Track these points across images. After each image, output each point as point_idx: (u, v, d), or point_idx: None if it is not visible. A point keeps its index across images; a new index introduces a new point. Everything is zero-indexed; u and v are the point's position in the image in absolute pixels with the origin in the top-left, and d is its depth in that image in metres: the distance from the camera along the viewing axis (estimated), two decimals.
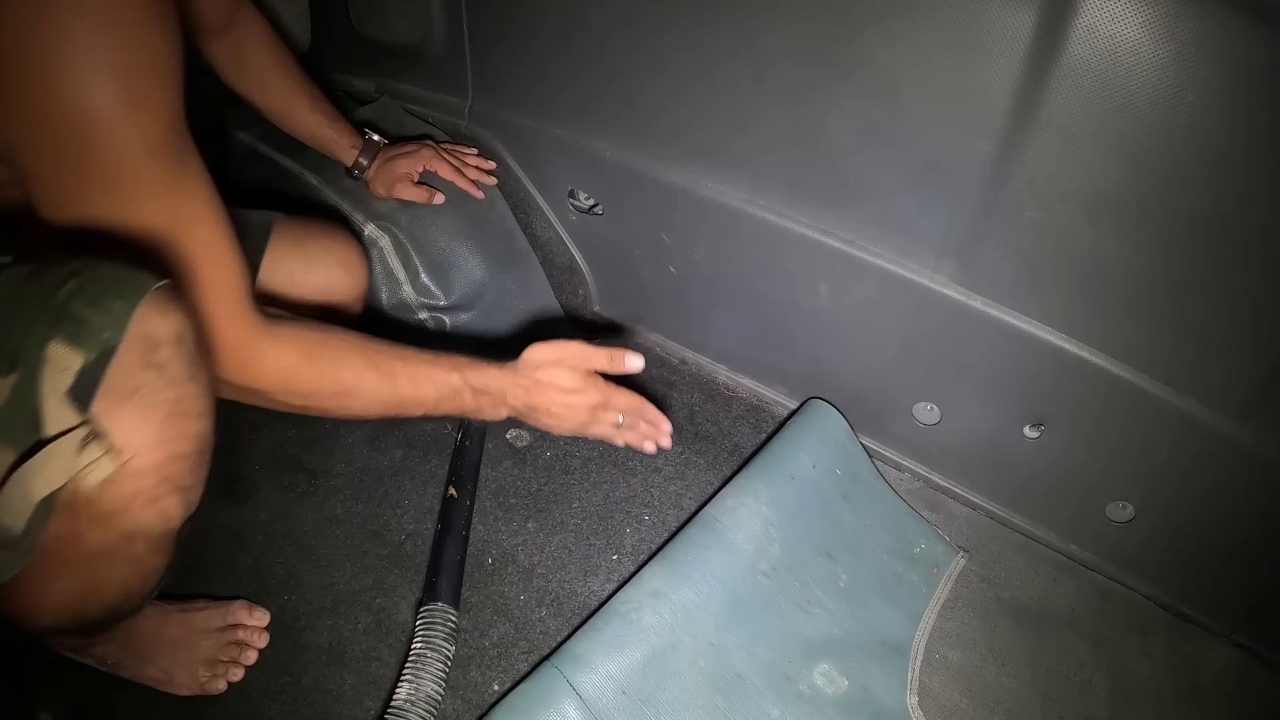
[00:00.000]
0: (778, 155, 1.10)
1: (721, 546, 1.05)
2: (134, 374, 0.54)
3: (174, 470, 0.59)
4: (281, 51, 1.13)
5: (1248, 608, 1.09)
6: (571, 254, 1.42)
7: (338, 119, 1.20)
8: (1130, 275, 0.94)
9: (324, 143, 1.20)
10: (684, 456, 1.25)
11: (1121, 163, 0.87)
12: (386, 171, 1.23)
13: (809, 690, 0.99)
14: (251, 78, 1.12)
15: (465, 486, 1.12)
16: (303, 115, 1.17)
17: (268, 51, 1.11)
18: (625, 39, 1.13)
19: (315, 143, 1.20)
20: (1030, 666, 1.06)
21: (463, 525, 1.08)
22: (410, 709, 0.86)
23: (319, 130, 1.18)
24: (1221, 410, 0.97)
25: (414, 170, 1.25)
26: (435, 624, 0.94)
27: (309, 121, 1.18)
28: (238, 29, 1.08)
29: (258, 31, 1.10)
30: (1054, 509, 1.18)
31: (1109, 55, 0.81)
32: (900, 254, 1.08)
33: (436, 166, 1.27)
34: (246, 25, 1.09)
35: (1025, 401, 1.10)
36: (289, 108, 1.16)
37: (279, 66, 1.13)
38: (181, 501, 0.61)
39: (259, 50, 1.10)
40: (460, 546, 1.05)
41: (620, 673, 0.92)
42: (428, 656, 0.91)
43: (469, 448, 1.17)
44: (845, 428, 1.24)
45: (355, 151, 1.22)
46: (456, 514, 1.09)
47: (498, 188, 1.37)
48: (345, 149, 1.21)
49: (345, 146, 1.21)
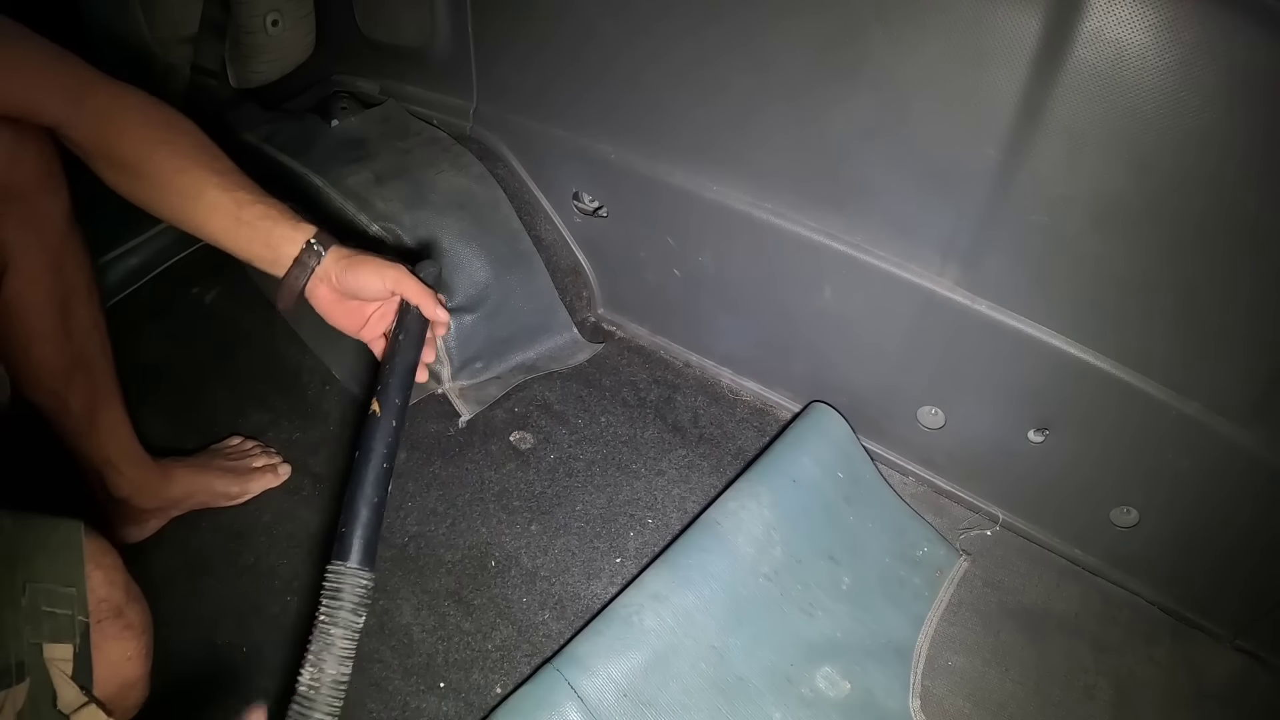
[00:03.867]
0: (782, 158, 1.10)
1: (723, 549, 1.05)
2: (102, 631, 0.69)
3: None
4: (167, 128, 0.78)
5: (1252, 613, 1.09)
6: (576, 256, 1.42)
7: (264, 195, 0.80)
8: (1136, 279, 0.94)
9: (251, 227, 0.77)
10: (688, 459, 1.25)
11: (1127, 167, 0.87)
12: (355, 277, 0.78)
13: (811, 693, 0.99)
14: (124, 171, 0.76)
15: (392, 400, 0.78)
16: (211, 198, 0.76)
17: (140, 131, 0.76)
18: (631, 43, 1.13)
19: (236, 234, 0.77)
20: (1034, 671, 1.05)
21: (385, 456, 0.76)
22: (316, 696, 0.71)
23: (241, 210, 0.77)
24: (1227, 415, 0.97)
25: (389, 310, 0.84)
26: (343, 591, 0.74)
27: (221, 203, 0.77)
28: (89, 116, 0.75)
29: (124, 110, 0.76)
30: (1058, 513, 1.18)
31: (1115, 59, 0.81)
32: (905, 258, 1.08)
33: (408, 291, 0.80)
34: (102, 106, 0.75)
35: (1030, 406, 1.10)
36: (186, 196, 0.77)
37: (163, 145, 0.76)
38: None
39: (126, 132, 0.76)
40: (381, 485, 0.77)
41: (622, 675, 0.92)
42: (332, 634, 0.73)
43: (403, 343, 0.80)
44: (848, 431, 1.24)
45: (304, 235, 0.78)
46: (378, 439, 0.76)
47: (502, 190, 1.37)
48: (288, 232, 0.78)
49: (287, 228, 0.78)
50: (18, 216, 0.81)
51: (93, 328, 0.92)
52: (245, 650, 1.00)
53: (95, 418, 0.96)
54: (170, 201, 0.77)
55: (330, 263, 0.78)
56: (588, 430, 1.28)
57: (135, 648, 0.73)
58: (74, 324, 0.90)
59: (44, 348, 0.89)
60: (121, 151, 0.76)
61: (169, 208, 0.78)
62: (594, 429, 1.28)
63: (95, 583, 0.70)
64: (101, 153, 0.76)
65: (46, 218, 0.83)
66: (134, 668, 0.74)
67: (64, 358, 0.90)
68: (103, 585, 0.71)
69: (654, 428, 1.29)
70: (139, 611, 0.74)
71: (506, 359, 1.36)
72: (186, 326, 1.37)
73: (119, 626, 0.72)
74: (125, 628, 0.72)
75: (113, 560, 0.72)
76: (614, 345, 1.43)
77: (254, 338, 1.36)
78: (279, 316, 1.36)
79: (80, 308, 0.90)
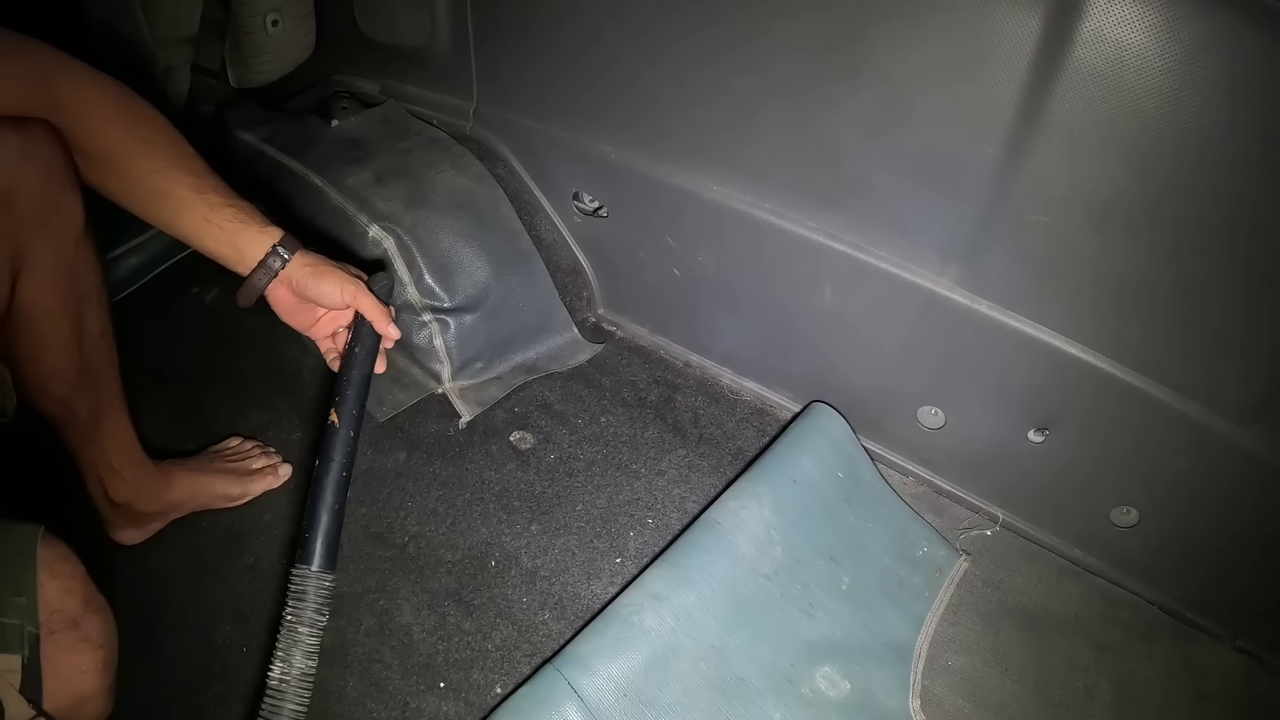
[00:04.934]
0: (782, 158, 1.10)
1: (723, 549, 1.05)
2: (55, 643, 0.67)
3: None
4: (142, 122, 0.78)
5: (1252, 613, 1.09)
6: (576, 256, 1.42)
7: (235, 197, 0.81)
8: (1136, 279, 0.94)
9: (219, 228, 0.79)
10: (688, 459, 1.25)
11: (1127, 167, 0.87)
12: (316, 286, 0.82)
13: (811, 693, 0.99)
14: (97, 163, 0.78)
15: (349, 411, 0.82)
16: (182, 197, 0.78)
17: (114, 125, 0.77)
18: (631, 42, 1.13)
19: (204, 234, 0.79)
20: (1034, 671, 1.05)
21: (344, 464, 0.81)
22: (286, 689, 0.77)
23: (211, 212, 0.78)
24: (1227, 415, 0.97)
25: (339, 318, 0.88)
26: (307, 593, 0.79)
27: (191, 203, 0.78)
28: (67, 108, 0.75)
29: (98, 102, 0.77)
30: (1058, 513, 1.18)
31: (1115, 59, 0.81)
32: (905, 257, 1.08)
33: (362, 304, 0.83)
34: (77, 98, 0.76)
35: (1030, 406, 1.10)
36: (158, 194, 0.78)
37: (140, 142, 0.77)
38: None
39: (101, 126, 0.77)
40: (339, 493, 0.82)
41: (622, 675, 0.92)
42: (299, 632, 0.78)
43: (358, 356, 0.84)
44: (847, 431, 1.24)
45: (270, 239, 0.80)
46: (337, 449, 0.81)
47: (503, 190, 1.37)
48: (255, 235, 0.80)
49: (254, 231, 0.80)
50: (31, 220, 0.79)
51: (101, 336, 0.91)
52: (245, 650, 1.00)
53: (99, 424, 0.95)
54: (142, 199, 0.79)
55: (294, 268, 0.81)
56: (588, 430, 1.28)
57: (91, 661, 0.71)
58: (85, 332, 0.89)
59: (55, 358, 0.87)
60: (100, 146, 0.77)
61: (138, 204, 0.79)
62: (594, 429, 1.28)
63: (49, 592, 0.68)
64: (76, 144, 0.77)
65: (60, 222, 0.82)
66: (89, 681, 0.71)
67: (74, 368, 0.89)
68: (57, 595, 0.68)
69: (654, 428, 1.29)
70: (99, 623, 0.72)
71: (506, 359, 1.36)
72: (186, 326, 1.37)
73: (74, 638, 0.69)
74: (81, 640, 0.70)
75: (71, 569, 0.69)
76: (614, 345, 1.43)
77: (254, 338, 1.36)
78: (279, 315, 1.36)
79: (91, 316, 0.89)
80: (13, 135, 0.74)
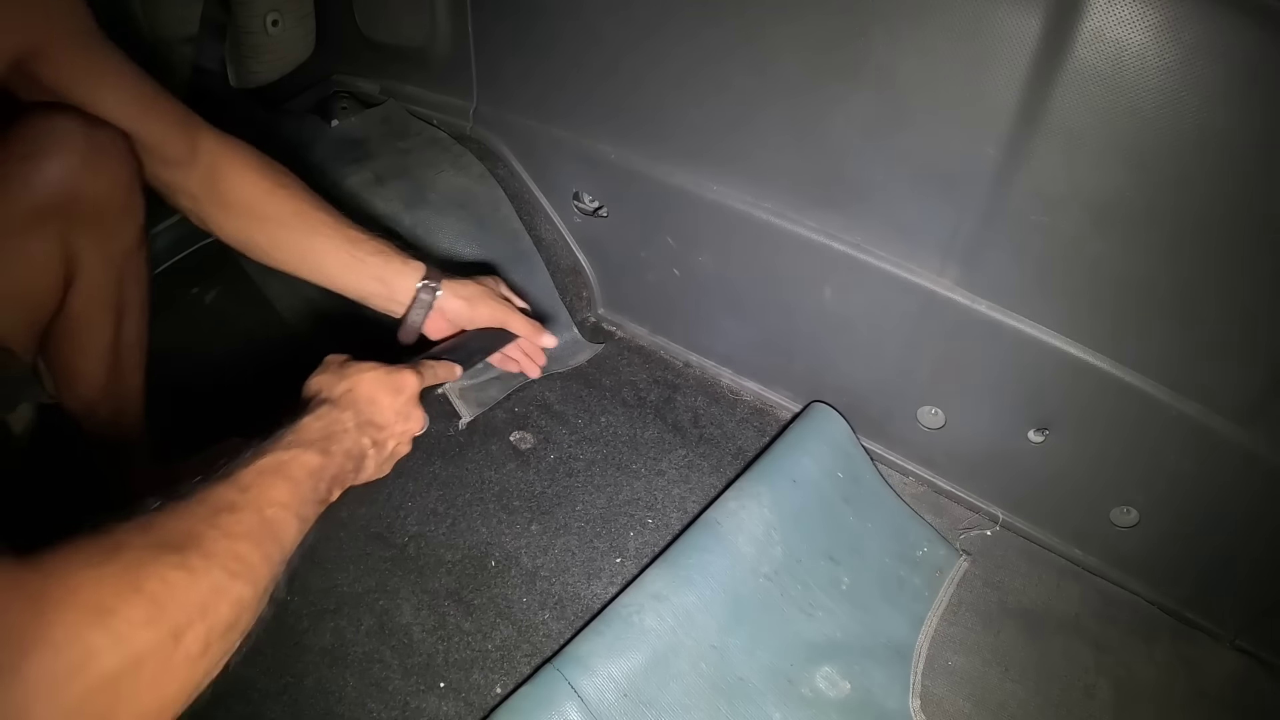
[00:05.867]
0: (782, 158, 1.10)
1: (723, 549, 1.05)
2: None
3: None
4: (278, 171, 0.82)
5: (1251, 613, 1.09)
6: (576, 256, 1.42)
7: (371, 232, 0.85)
8: (1136, 279, 0.94)
9: (364, 264, 0.82)
10: (688, 460, 1.25)
11: (1127, 167, 0.87)
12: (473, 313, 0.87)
13: (811, 693, 0.99)
14: (242, 214, 0.81)
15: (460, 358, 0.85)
16: (327, 236, 0.81)
17: (255, 175, 0.80)
18: (631, 43, 1.13)
19: (350, 270, 0.82)
20: (1034, 671, 1.05)
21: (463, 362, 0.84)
22: None
23: (354, 248, 0.82)
24: (1227, 415, 0.97)
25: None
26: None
27: (336, 242, 0.82)
28: (205, 157, 0.79)
29: (236, 154, 0.80)
30: (1058, 513, 1.18)
31: (1115, 59, 0.81)
32: (905, 258, 1.08)
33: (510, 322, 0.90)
34: (216, 150, 0.79)
35: (1030, 406, 1.10)
36: (303, 235, 0.81)
37: (280, 188, 0.81)
38: None
39: (243, 176, 0.80)
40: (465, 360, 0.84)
41: (622, 675, 0.92)
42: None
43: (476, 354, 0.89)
44: (847, 431, 1.24)
45: (415, 272, 0.84)
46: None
47: (503, 190, 1.37)
48: (399, 268, 0.83)
49: (399, 264, 0.84)
50: (92, 230, 0.79)
51: (136, 343, 0.92)
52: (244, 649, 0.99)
53: (117, 425, 0.96)
54: (290, 241, 0.82)
55: (446, 299, 0.85)
56: (588, 430, 1.28)
57: None
58: (122, 341, 0.90)
59: (91, 363, 0.88)
60: (243, 195, 0.80)
61: (286, 248, 0.82)
62: (594, 429, 1.28)
63: None
64: (217, 197, 0.80)
65: (119, 234, 0.82)
66: None
67: (106, 373, 0.90)
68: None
69: (654, 428, 1.29)
70: None
71: None
72: (186, 326, 1.37)
73: None
74: None
75: None
76: (614, 345, 1.43)
77: (254, 338, 1.36)
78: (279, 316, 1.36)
79: (131, 325, 0.90)
80: (80, 141, 0.73)
